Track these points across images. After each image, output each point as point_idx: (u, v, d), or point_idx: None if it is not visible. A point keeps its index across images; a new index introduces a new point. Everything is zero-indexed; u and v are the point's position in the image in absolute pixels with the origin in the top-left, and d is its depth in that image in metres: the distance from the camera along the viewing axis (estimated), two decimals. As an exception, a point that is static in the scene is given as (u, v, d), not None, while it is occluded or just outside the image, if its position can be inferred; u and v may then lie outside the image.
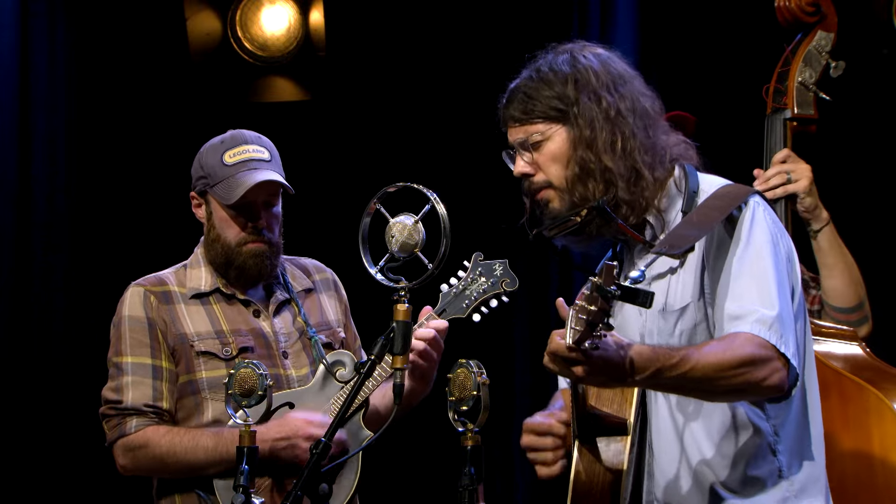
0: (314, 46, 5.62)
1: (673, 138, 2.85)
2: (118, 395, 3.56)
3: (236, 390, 2.94)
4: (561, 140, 2.79)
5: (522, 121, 2.82)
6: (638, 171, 2.76)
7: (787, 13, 3.62)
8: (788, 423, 2.73)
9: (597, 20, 5.24)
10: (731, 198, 2.74)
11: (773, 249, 2.70)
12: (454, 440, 2.74)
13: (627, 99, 2.79)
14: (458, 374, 2.76)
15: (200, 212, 3.71)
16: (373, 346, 2.88)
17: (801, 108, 3.57)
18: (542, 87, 2.80)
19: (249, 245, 3.62)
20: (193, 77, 5.65)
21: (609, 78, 2.80)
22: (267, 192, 3.63)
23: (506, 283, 3.62)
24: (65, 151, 5.44)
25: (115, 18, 5.62)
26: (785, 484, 2.71)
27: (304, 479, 2.85)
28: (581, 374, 2.45)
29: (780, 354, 2.60)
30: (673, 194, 2.82)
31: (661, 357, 2.52)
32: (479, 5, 5.54)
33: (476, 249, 3.53)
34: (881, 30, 4.23)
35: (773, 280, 2.65)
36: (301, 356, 3.68)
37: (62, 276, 5.39)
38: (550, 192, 2.81)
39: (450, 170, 5.35)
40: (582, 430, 2.75)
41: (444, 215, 2.83)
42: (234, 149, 3.65)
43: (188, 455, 3.50)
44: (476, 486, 2.69)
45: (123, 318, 3.62)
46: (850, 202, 4.22)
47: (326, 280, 3.85)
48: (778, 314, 2.61)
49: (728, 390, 2.59)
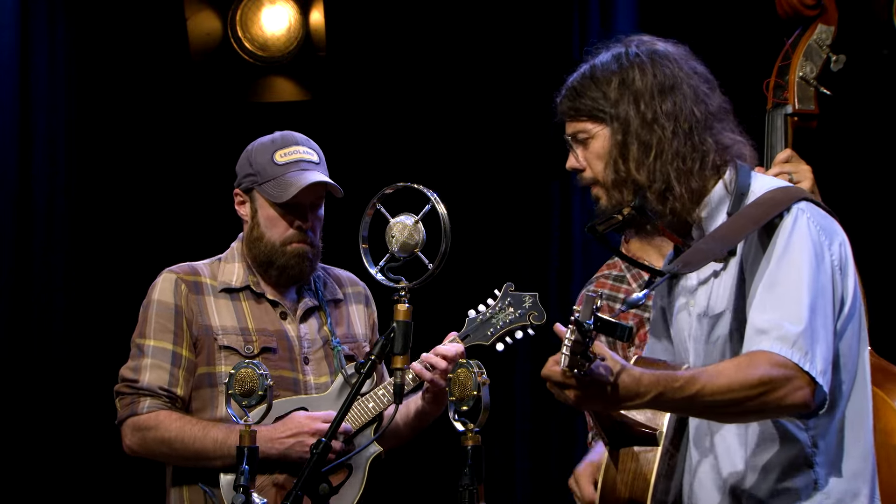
0: (314, 46, 5.62)
1: (727, 139, 2.75)
2: (136, 374, 3.59)
3: (236, 390, 2.95)
4: (604, 140, 2.74)
5: (572, 116, 2.79)
6: (668, 183, 2.69)
7: (787, 7, 3.60)
8: (830, 435, 2.65)
9: (597, 17, 5.24)
10: (772, 205, 2.65)
11: (812, 261, 2.59)
12: (454, 440, 2.74)
13: (671, 102, 2.71)
14: (459, 374, 2.76)
15: (243, 209, 3.72)
16: (373, 346, 2.88)
17: (801, 103, 3.54)
18: (590, 84, 2.76)
19: (294, 245, 3.64)
20: (193, 77, 5.65)
21: (655, 80, 2.73)
22: (315, 195, 3.65)
23: (533, 315, 3.63)
24: (65, 151, 5.43)
25: (115, 18, 5.62)
26: (820, 497, 2.63)
27: (304, 479, 2.84)
28: (574, 399, 2.43)
29: (802, 373, 2.51)
30: (720, 196, 2.73)
31: (664, 381, 2.47)
32: (480, 5, 5.54)
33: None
34: (881, 30, 4.22)
35: (806, 293, 2.56)
36: (322, 364, 3.69)
37: (62, 276, 5.39)
38: (598, 189, 2.77)
39: (450, 170, 5.34)
40: (612, 438, 2.72)
41: (445, 215, 2.84)
42: (285, 149, 3.67)
43: (196, 443, 3.52)
44: (476, 486, 2.69)
45: (153, 301, 3.65)
46: (850, 202, 4.21)
47: (358, 293, 3.86)
48: (804, 329, 2.53)
49: (742, 412, 2.54)
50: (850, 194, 4.38)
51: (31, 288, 5.32)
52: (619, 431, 2.72)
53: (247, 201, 3.71)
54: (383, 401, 3.58)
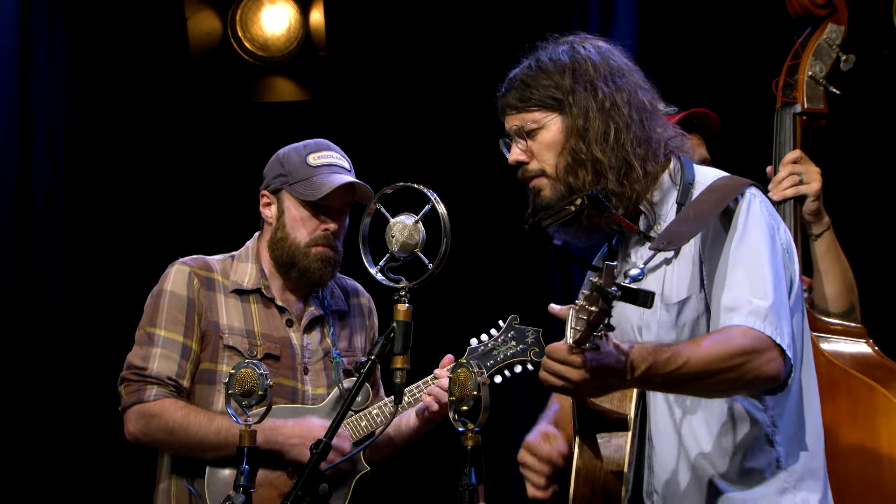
0: (314, 46, 5.62)
1: (669, 131, 2.86)
2: (144, 362, 3.61)
3: (237, 390, 2.95)
4: (556, 129, 2.80)
5: (519, 108, 2.84)
6: (629, 163, 2.77)
7: (798, 6, 3.59)
8: (786, 414, 2.73)
9: (597, 16, 5.24)
10: (728, 190, 2.74)
11: (769, 241, 2.70)
12: (454, 440, 2.74)
13: (624, 91, 2.80)
14: (459, 374, 2.75)
15: (269, 211, 3.73)
16: (373, 347, 2.88)
17: (811, 103, 3.54)
18: (540, 76, 2.82)
19: (318, 248, 3.66)
20: (193, 77, 5.65)
21: (607, 70, 2.81)
22: (344, 200, 3.69)
23: (534, 352, 3.65)
24: (65, 151, 5.44)
25: (115, 18, 5.62)
26: (783, 475, 2.71)
27: (304, 479, 2.85)
28: (579, 380, 2.43)
29: (775, 345, 2.59)
30: (667, 186, 2.82)
31: (653, 354, 2.50)
32: (480, 5, 5.54)
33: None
34: (881, 30, 4.22)
35: (769, 271, 2.66)
36: (321, 375, 3.71)
37: (62, 276, 5.39)
38: (543, 180, 2.82)
39: (450, 170, 5.35)
40: (583, 426, 2.74)
41: (445, 215, 2.83)
42: (318, 152, 3.72)
43: (200, 432, 3.54)
44: (476, 486, 2.69)
45: (165, 291, 3.66)
46: (850, 202, 4.22)
47: (362, 306, 3.89)
48: (772, 304, 2.61)
49: (723, 383, 2.58)
50: (850, 195, 4.39)
51: (31, 288, 5.32)
52: (591, 419, 2.74)
53: (273, 203, 3.72)
54: (376, 420, 3.62)
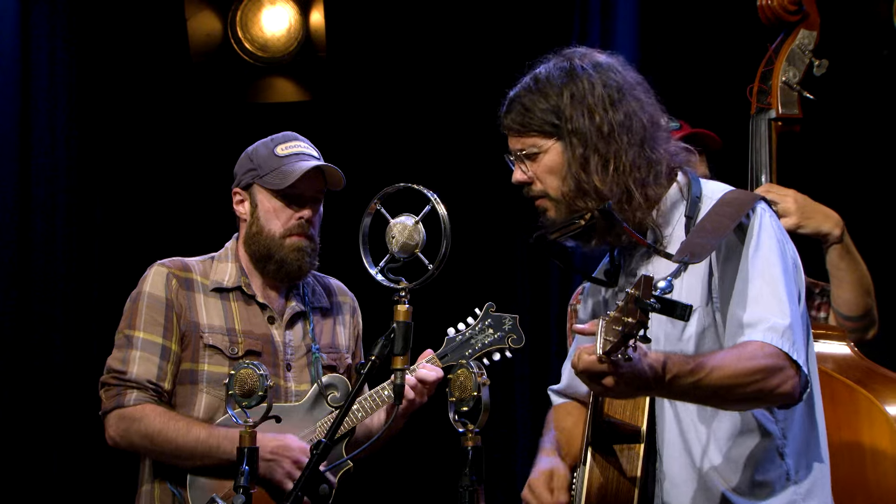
0: (314, 47, 5.62)
1: (673, 146, 2.85)
2: (124, 366, 3.60)
3: (237, 391, 2.94)
4: (556, 154, 2.80)
5: (519, 132, 2.84)
6: (629, 191, 2.76)
7: (770, 12, 3.63)
8: (795, 426, 2.73)
9: (597, 19, 5.23)
10: (740, 204, 2.75)
11: (781, 257, 2.71)
12: (455, 441, 2.74)
13: (622, 113, 2.77)
14: (459, 375, 2.75)
15: (242, 207, 3.74)
16: (373, 347, 2.88)
17: (785, 108, 3.57)
18: (538, 98, 2.80)
19: (293, 238, 3.67)
20: (193, 77, 5.65)
21: (605, 91, 2.78)
22: (315, 188, 3.69)
23: (512, 339, 3.64)
24: (65, 150, 5.44)
25: (115, 18, 5.62)
26: (793, 487, 2.72)
27: (303, 480, 2.85)
28: (610, 385, 2.43)
29: (792, 362, 2.60)
30: (675, 199, 2.83)
31: (677, 364, 2.51)
32: (481, 6, 5.54)
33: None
34: (881, 30, 4.22)
35: (783, 287, 2.67)
36: (304, 372, 3.71)
37: (62, 276, 5.39)
38: (547, 202, 2.83)
39: (450, 170, 5.35)
40: (596, 437, 2.75)
41: (445, 216, 2.83)
42: (286, 143, 3.72)
43: (178, 439, 3.53)
44: (476, 487, 2.69)
45: (143, 293, 3.66)
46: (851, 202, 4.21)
47: (345, 304, 3.89)
48: (790, 322, 2.63)
49: (741, 398, 2.59)
50: (851, 195, 4.38)
51: (32, 287, 5.32)
52: (605, 430, 2.74)
53: (246, 199, 3.73)
54: (356, 416, 3.60)
